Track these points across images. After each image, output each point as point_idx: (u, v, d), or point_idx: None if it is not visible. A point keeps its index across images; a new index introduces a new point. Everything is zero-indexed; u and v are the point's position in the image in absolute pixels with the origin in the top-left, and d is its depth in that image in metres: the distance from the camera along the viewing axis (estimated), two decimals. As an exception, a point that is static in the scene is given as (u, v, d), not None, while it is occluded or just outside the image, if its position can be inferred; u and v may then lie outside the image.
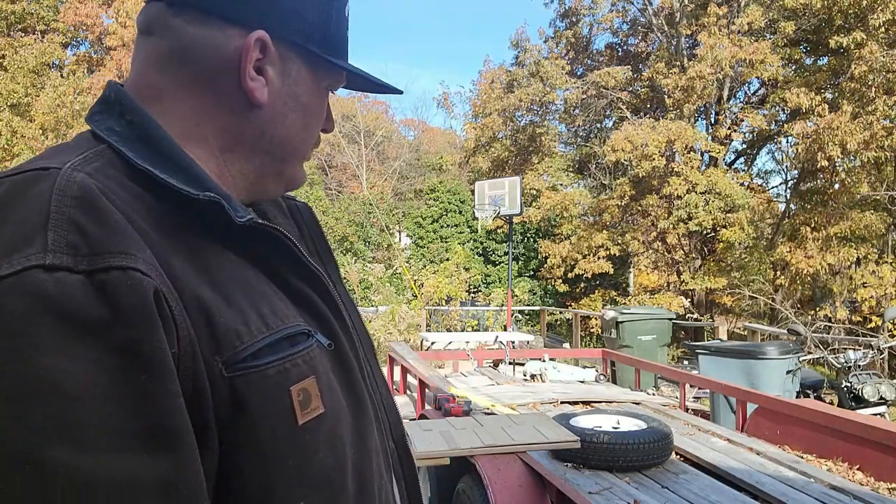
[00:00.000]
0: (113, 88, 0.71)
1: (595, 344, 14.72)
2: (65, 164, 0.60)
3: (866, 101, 12.05)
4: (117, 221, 0.57)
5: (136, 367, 0.53)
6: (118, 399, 0.51)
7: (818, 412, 3.68)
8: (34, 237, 0.53)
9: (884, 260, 12.91)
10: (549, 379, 5.92)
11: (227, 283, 0.64)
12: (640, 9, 17.33)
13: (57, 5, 21.08)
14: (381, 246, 23.49)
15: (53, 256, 0.52)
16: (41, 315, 0.51)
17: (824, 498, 2.88)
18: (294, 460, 0.63)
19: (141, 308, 0.54)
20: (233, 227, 0.66)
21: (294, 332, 0.67)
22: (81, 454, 0.49)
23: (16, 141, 15.54)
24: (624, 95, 16.82)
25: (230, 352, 0.60)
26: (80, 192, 0.57)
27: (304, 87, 0.75)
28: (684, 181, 13.81)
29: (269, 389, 0.62)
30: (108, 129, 0.67)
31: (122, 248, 0.55)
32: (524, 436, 3.34)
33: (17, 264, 0.52)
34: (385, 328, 12.11)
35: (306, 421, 0.64)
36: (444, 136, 37.42)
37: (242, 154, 0.74)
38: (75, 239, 0.54)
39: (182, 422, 0.55)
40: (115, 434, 0.51)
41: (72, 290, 0.52)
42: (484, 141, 19.24)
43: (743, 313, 15.88)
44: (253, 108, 0.72)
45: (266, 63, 0.71)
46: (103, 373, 0.51)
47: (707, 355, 5.62)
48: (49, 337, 0.50)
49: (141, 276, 0.55)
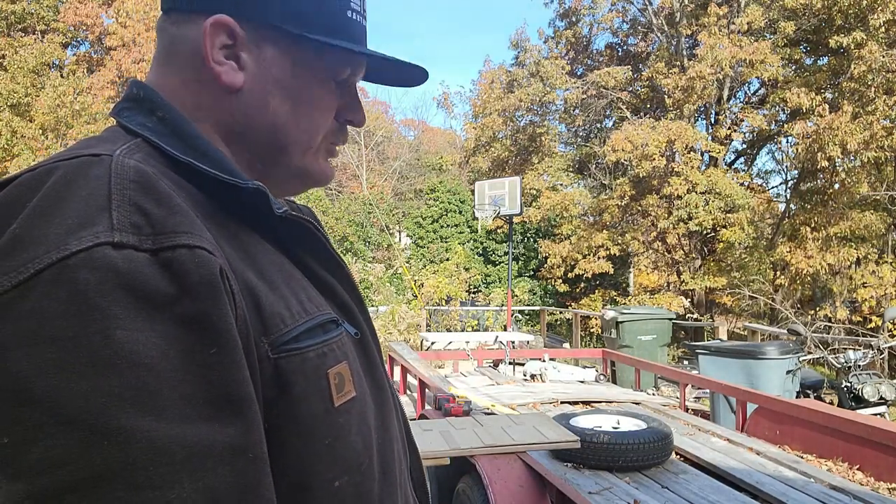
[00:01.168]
0: (140, 86, 0.73)
1: (595, 344, 14.72)
2: (113, 151, 0.61)
3: (866, 101, 12.06)
4: (178, 203, 0.59)
5: (206, 340, 0.55)
6: (190, 370, 0.53)
7: (818, 412, 3.68)
8: (99, 217, 0.55)
9: (884, 260, 12.91)
10: (549, 379, 5.93)
11: (269, 270, 0.67)
12: (640, 9, 17.35)
13: (57, 5, 21.08)
14: (381, 246, 23.50)
15: (120, 234, 0.54)
16: (114, 289, 0.52)
17: (824, 498, 2.88)
18: (330, 440, 0.66)
19: (209, 283, 0.56)
20: (269, 217, 0.69)
21: (326, 319, 0.70)
22: (159, 422, 0.51)
23: (16, 141, 15.54)
24: (624, 95, 16.83)
25: (276, 334, 0.63)
26: (138, 175, 0.58)
27: (285, 71, 0.74)
28: (684, 181, 13.81)
29: (309, 371, 0.65)
30: (140, 124, 0.69)
31: (186, 228, 0.57)
32: (524, 436, 3.34)
33: (87, 241, 0.53)
34: (385, 328, 12.11)
35: (341, 403, 0.67)
36: (444, 136, 37.44)
37: (244, 146, 0.76)
38: (138, 220, 0.55)
39: (248, 391, 0.57)
40: (188, 403, 0.53)
41: (140, 267, 0.53)
42: (484, 141, 19.25)
43: (743, 313, 15.88)
44: (231, 95, 0.73)
45: (239, 48, 0.72)
46: (175, 345, 0.53)
47: (707, 355, 5.63)
48: (122, 310, 0.52)
49: (208, 255, 0.57)
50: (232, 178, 0.66)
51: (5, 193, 0.58)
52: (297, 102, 0.76)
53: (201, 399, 0.54)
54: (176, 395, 0.52)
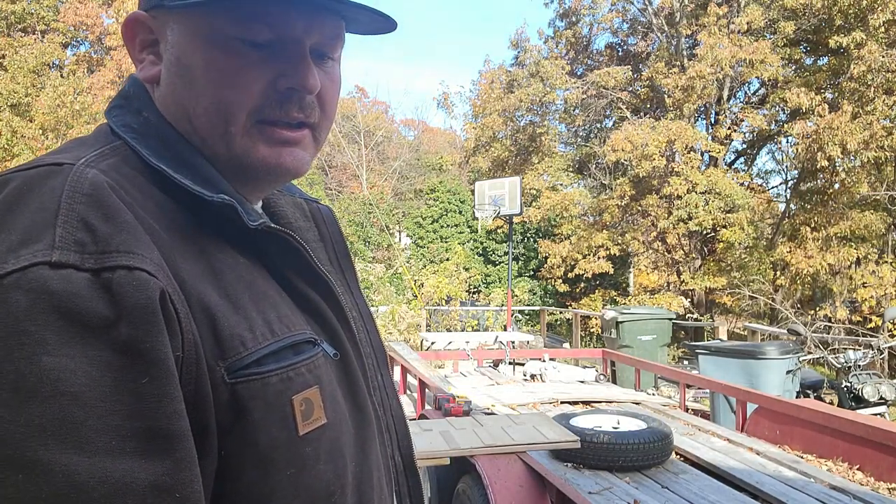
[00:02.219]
0: (133, 83, 0.71)
1: (595, 344, 14.71)
2: (79, 159, 0.59)
3: (866, 101, 12.05)
4: (126, 220, 0.56)
5: (138, 369, 0.52)
6: (118, 400, 0.51)
7: (818, 412, 3.68)
8: (43, 233, 0.53)
9: (884, 260, 12.90)
10: (549, 379, 5.93)
11: (235, 287, 0.63)
12: (640, 9, 17.34)
13: (57, 5, 21.10)
14: (381, 246, 23.51)
15: (60, 253, 0.52)
16: (44, 312, 0.50)
17: (824, 498, 2.88)
18: (293, 470, 0.62)
19: (145, 308, 0.53)
20: (245, 229, 0.65)
21: (299, 339, 0.65)
22: (80, 455, 0.49)
23: (16, 141, 15.53)
24: (624, 95, 16.82)
25: (233, 358, 0.59)
26: (91, 189, 0.56)
27: (183, 48, 0.67)
28: (684, 181, 13.81)
29: (270, 397, 0.61)
30: (126, 125, 0.67)
31: (129, 248, 0.54)
32: (524, 436, 3.34)
33: (23, 260, 0.51)
34: (385, 328, 12.11)
35: (308, 431, 0.63)
36: (444, 136, 37.44)
37: (198, 140, 0.68)
38: (83, 236, 0.53)
39: (181, 426, 0.54)
40: (113, 435, 0.50)
41: (76, 288, 0.51)
42: (484, 141, 19.24)
43: (743, 313, 15.87)
44: (154, 90, 0.70)
45: (157, 38, 0.69)
46: (104, 373, 0.51)
47: (707, 355, 5.63)
48: (52, 334, 0.50)
49: (147, 277, 0.54)
50: (199, 189, 0.63)
51: None
52: (193, 78, 0.67)
53: (127, 432, 0.51)
54: (101, 427, 0.50)
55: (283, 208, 0.83)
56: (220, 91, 0.66)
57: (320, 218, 0.89)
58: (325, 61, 0.72)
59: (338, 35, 0.72)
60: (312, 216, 0.88)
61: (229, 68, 0.66)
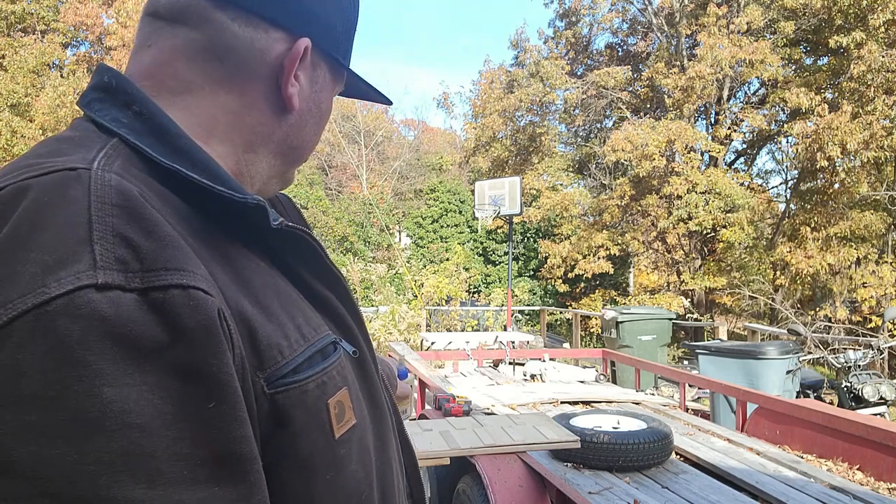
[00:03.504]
0: (111, 74, 0.66)
1: (595, 344, 14.72)
2: (90, 162, 0.55)
3: (866, 100, 12.05)
4: (168, 234, 0.52)
5: (203, 393, 0.50)
6: (186, 427, 0.48)
7: (818, 412, 3.68)
8: (80, 252, 0.48)
9: (884, 260, 12.90)
10: (549, 379, 5.93)
11: (263, 293, 0.61)
12: (640, 9, 17.34)
13: (57, 5, 21.07)
14: (381, 246, 23.51)
15: (105, 274, 0.48)
16: (99, 340, 0.46)
17: (824, 498, 2.88)
18: (332, 473, 0.62)
19: (206, 329, 0.50)
20: (263, 231, 0.63)
21: (327, 342, 0.65)
22: (153, 489, 0.46)
23: (16, 141, 15.54)
24: (624, 95, 16.83)
25: (272, 368, 0.58)
26: (121, 199, 0.52)
27: (326, 94, 0.76)
28: (684, 181, 13.81)
29: (309, 404, 0.60)
30: (115, 119, 0.61)
31: (179, 265, 0.51)
32: (524, 436, 3.34)
33: (67, 284, 0.47)
34: (385, 328, 12.10)
35: (342, 433, 0.63)
36: (444, 136, 37.43)
37: (263, 156, 0.72)
38: (124, 253, 0.49)
39: (250, 448, 0.52)
40: (186, 464, 0.48)
41: (127, 311, 0.48)
42: (484, 141, 19.25)
43: (743, 313, 15.88)
44: (285, 114, 0.71)
45: (301, 70, 0.70)
46: (169, 400, 0.48)
47: (707, 355, 5.63)
48: (110, 364, 0.46)
49: (204, 296, 0.51)
50: (230, 191, 0.60)
51: None
52: (322, 122, 0.77)
53: (199, 460, 0.49)
54: (170, 456, 0.47)
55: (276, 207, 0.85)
56: (322, 131, 0.79)
57: (280, 205, 0.87)
58: None
59: None
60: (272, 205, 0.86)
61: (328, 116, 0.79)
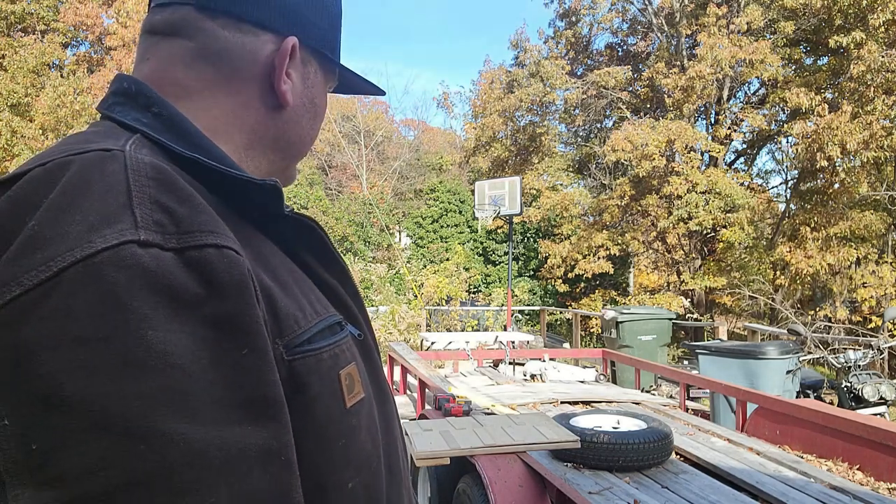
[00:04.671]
0: (130, 81, 0.71)
1: (595, 344, 14.72)
2: (122, 146, 0.59)
3: (866, 100, 12.05)
4: (201, 202, 0.57)
5: (237, 342, 0.54)
6: (222, 372, 0.52)
7: (818, 412, 3.68)
8: (122, 214, 0.53)
9: (884, 260, 12.91)
10: (549, 379, 5.93)
11: (280, 271, 0.66)
12: (640, 8, 17.35)
13: (57, 5, 21.07)
14: (381, 246, 23.51)
15: (145, 233, 0.52)
16: (144, 289, 0.50)
17: (824, 498, 2.88)
18: (344, 441, 0.66)
19: (239, 283, 0.55)
20: (275, 217, 0.69)
21: (334, 321, 0.69)
22: (194, 425, 0.50)
23: (16, 141, 15.54)
24: (624, 95, 16.83)
25: (290, 335, 0.62)
26: (155, 172, 0.57)
27: (318, 90, 0.80)
28: (684, 181, 13.81)
29: (324, 372, 0.64)
30: (135, 119, 0.66)
31: (212, 227, 0.56)
32: (524, 436, 3.34)
33: (112, 238, 0.51)
34: (385, 328, 12.10)
35: (353, 404, 0.67)
36: (444, 136, 37.42)
37: (262, 152, 0.77)
38: (162, 217, 0.54)
39: (279, 392, 0.56)
40: (222, 405, 0.52)
41: (168, 266, 0.52)
42: (484, 141, 19.25)
43: (743, 313, 15.88)
44: (280, 110, 0.76)
45: (291, 67, 0.75)
46: (206, 347, 0.52)
47: (707, 355, 5.63)
48: (152, 310, 0.50)
49: (236, 255, 0.56)
50: (246, 175, 0.66)
51: (17, 189, 0.55)
52: (318, 117, 0.81)
53: (234, 402, 0.52)
54: (211, 397, 0.51)
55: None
56: (319, 128, 0.83)
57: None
58: None
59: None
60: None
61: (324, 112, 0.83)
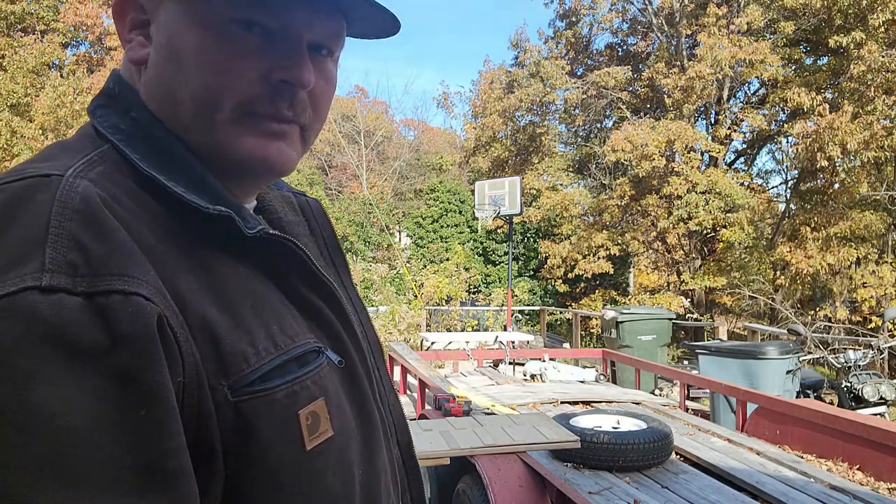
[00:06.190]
0: (118, 80, 0.68)
1: (595, 344, 14.72)
2: (67, 169, 0.56)
3: (866, 100, 12.05)
4: (121, 239, 0.53)
5: (136, 401, 0.49)
6: (115, 433, 0.48)
7: (818, 412, 3.68)
8: (31, 255, 0.49)
9: (884, 260, 12.90)
10: (549, 379, 5.93)
11: (236, 299, 0.60)
12: (640, 9, 17.34)
13: (57, 5, 21.07)
14: (381, 246, 23.51)
15: (51, 277, 0.49)
16: (37, 342, 0.47)
17: (824, 498, 2.88)
18: (302, 487, 0.60)
19: (143, 337, 0.51)
20: (243, 237, 0.63)
21: (304, 350, 0.63)
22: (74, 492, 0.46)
23: (16, 141, 15.52)
24: (624, 95, 16.83)
25: (236, 375, 0.57)
26: (83, 204, 0.53)
27: (176, 27, 0.64)
28: (684, 181, 13.81)
29: (276, 414, 0.59)
30: (113, 126, 0.63)
31: (124, 271, 0.51)
32: (524, 436, 3.34)
33: (10, 285, 0.48)
34: (385, 328, 12.10)
35: (315, 445, 0.61)
36: (444, 136, 37.42)
37: (181, 129, 0.65)
38: (75, 257, 0.50)
39: (179, 463, 0.52)
40: (110, 471, 0.48)
41: (69, 314, 0.48)
42: (484, 141, 19.25)
43: (743, 313, 15.88)
44: (142, 73, 0.66)
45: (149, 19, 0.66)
46: (100, 404, 0.48)
47: (707, 355, 5.63)
48: (42, 364, 0.47)
49: (144, 303, 0.51)
50: (194, 199, 0.60)
51: None
52: (183, 61, 0.63)
53: (125, 468, 0.48)
54: (98, 463, 0.47)
55: (271, 203, 0.80)
56: (211, 76, 0.63)
57: (309, 211, 0.86)
58: (322, 59, 0.69)
59: (338, 34, 0.70)
60: (301, 210, 0.85)
61: (222, 53, 0.63)
